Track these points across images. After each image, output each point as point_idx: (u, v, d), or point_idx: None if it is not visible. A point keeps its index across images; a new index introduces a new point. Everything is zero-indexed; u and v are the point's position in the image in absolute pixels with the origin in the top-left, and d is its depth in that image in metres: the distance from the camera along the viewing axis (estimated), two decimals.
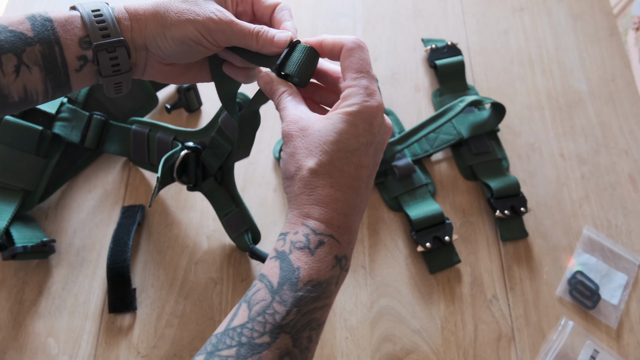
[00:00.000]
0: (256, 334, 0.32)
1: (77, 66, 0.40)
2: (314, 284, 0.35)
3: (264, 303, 0.34)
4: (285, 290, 0.34)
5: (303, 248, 0.35)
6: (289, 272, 0.35)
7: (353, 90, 0.38)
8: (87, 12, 0.40)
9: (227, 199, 0.59)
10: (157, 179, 0.54)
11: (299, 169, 0.37)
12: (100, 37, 0.40)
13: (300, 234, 0.36)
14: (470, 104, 0.65)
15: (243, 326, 0.33)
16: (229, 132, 0.55)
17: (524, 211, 0.63)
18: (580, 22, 0.80)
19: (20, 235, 0.57)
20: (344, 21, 0.79)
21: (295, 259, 0.35)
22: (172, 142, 0.60)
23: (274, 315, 0.33)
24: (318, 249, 0.36)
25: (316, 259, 0.35)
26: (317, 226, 0.36)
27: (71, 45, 0.39)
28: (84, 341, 0.56)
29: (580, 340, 0.57)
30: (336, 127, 0.37)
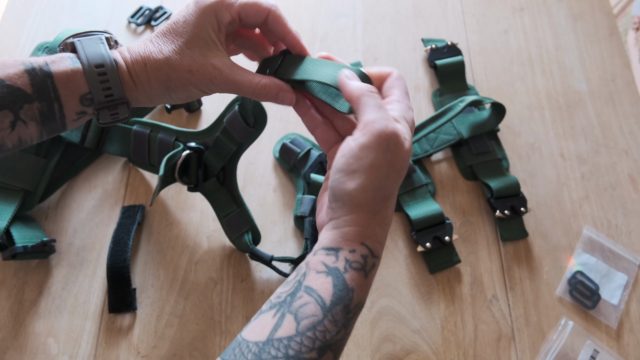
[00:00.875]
0: (305, 349, 0.32)
1: (74, 118, 0.39)
2: (360, 307, 0.35)
3: (314, 319, 0.33)
4: (338, 310, 0.34)
5: (359, 270, 0.35)
6: (344, 293, 0.34)
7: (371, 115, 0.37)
8: (90, 68, 0.38)
9: (228, 200, 0.59)
10: (159, 178, 0.55)
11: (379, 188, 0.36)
12: (103, 97, 0.39)
13: (358, 254, 0.35)
14: (470, 104, 0.65)
15: (290, 339, 0.33)
16: (234, 131, 0.56)
17: (524, 211, 0.63)
18: (580, 22, 0.80)
19: (20, 235, 0.57)
20: (344, 21, 0.79)
21: (350, 279, 0.35)
22: (174, 142, 0.60)
23: (325, 333, 0.33)
24: (371, 272, 0.36)
25: (367, 282, 0.36)
26: (375, 249, 0.36)
27: (71, 102, 0.38)
28: (84, 341, 0.56)
29: (580, 340, 0.57)
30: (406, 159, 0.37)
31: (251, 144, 0.56)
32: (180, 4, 0.79)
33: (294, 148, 0.65)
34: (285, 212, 0.64)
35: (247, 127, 0.54)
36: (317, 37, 0.77)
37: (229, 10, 0.41)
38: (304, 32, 0.78)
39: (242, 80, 0.41)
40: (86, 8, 0.78)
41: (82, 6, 0.78)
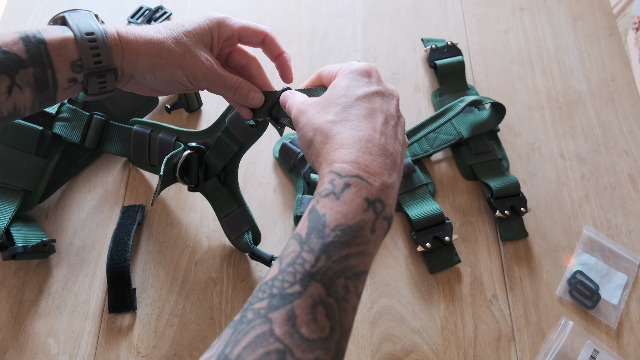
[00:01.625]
0: (287, 284, 0.32)
1: (66, 86, 0.41)
2: (342, 229, 0.33)
3: (293, 254, 0.33)
4: (313, 238, 0.33)
5: (328, 194, 0.35)
6: (315, 221, 0.34)
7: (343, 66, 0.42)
8: (81, 35, 0.40)
9: (229, 199, 0.59)
10: (160, 178, 0.55)
11: (317, 128, 0.38)
12: (92, 63, 0.40)
13: (326, 182, 0.35)
14: (470, 103, 0.65)
15: (274, 278, 0.32)
16: (236, 131, 0.56)
17: (524, 211, 0.63)
18: (580, 22, 0.80)
19: (20, 235, 0.57)
20: (344, 21, 0.79)
21: (321, 207, 0.34)
22: (175, 142, 0.60)
23: (303, 264, 0.32)
24: (344, 192, 0.34)
25: (342, 203, 0.34)
26: (342, 168, 0.35)
27: (63, 68, 0.39)
28: (84, 341, 0.56)
29: (580, 340, 0.57)
30: (339, 85, 0.40)
31: (253, 143, 0.57)
32: (180, 4, 0.79)
33: (294, 148, 0.65)
34: (285, 212, 0.64)
35: (249, 126, 0.55)
36: (317, 37, 0.77)
37: (230, 27, 0.46)
38: (304, 32, 0.78)
39: (226, 74, 0.46)
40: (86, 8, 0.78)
41: (82, 6, 0.78)
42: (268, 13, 0.79)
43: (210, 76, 0.45)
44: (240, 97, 0.47)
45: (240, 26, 0.47)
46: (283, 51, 0.49)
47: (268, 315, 0.31)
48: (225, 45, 0.47)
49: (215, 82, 0.45)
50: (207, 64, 0.44)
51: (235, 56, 0.49)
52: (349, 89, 0.39)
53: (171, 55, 0.43)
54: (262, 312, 0.31)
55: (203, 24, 0.45)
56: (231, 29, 0.46)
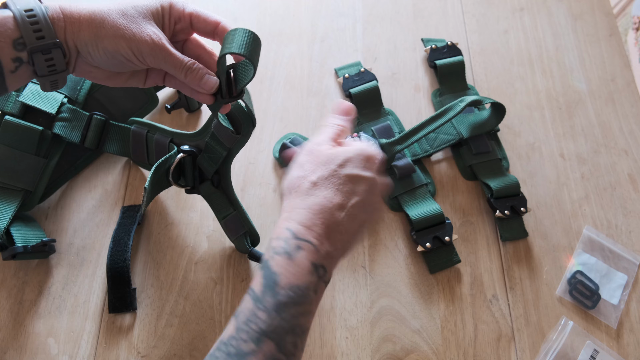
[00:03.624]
0: (242, 343, 0.33)
1: (12, 68, 0.39)
2: (292, 289, 0.35)
3: (247, 312, 0.35)
4: (267, 297, 0.35)
5: (282, 253, 0.37)
6: (269, 279, 0.36)
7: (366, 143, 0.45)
8: (20, 12, 0.38)
9: (224, 202, 0.59)
10: (144, 189, 0.54)
11: (302, 177, 0.41)
12: (34, 39, 0.39)
13: (282, 239, 0.37)
14: (470, 104, 0.65)
15: (231, 337, 0.34)
16: (221, 137, 0.55)
17: (524, 211, 0.63)
18: (580, 22, 0.80)
19: (20, 235, 0.57)
20: (344, 21, 0.79)
21: (274, 264, 0.36)
22: (169, 144, 0.60)
23: (258, 322, 0.34)
24: (297, 254, 0.37)
25: (294, 264, 0.36)
26: (298, 230, 0.37)
27: (5, 47, 0.38)
28: (84, 341, 0.56)
29: (580, 340, 0.57)
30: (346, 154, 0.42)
31: (240, 149, 0.55)
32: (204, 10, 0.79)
33: (294, 148, 0.65)
34: None
35: (232, 134, 0.53)
36: (317, 37, 0.77)
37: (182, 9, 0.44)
38: (304, 32, 0.78)
39: (175, 52, 0.43)
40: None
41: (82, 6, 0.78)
42: (268, 13, 0.79)
43: (157, 51, 0.42)
44: (193, 80, 0.44)
45: (191, 11, 0.45)
46: None
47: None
48: (178, 30, 0.45)
49: (163, 58, 0.42)
50: (155, 37, 0.41)
51: (190, 46, 0.47)
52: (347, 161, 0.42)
53: (115, 25, 0.40)
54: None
55: (155, 1, 0.43)
56: (183, 12, 0.44)
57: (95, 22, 0.40)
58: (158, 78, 0.47)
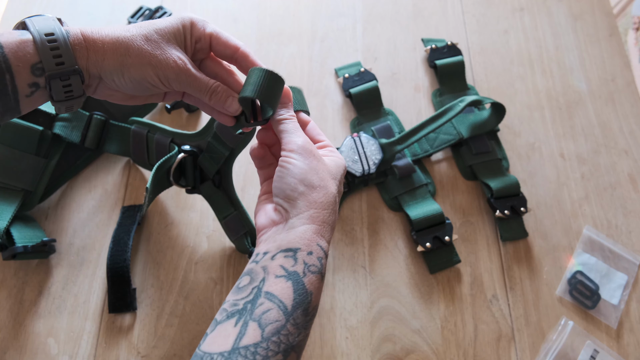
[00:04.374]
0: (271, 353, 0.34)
1: (28, 92, 0.38)
2: (317, 308, 0.38)
3: (278, 324, 0.35)
4: (299, 314, 0.36)
5: (317, 273, 0.37)
6: (303, 297, 0.36)
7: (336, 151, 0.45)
8: (40, 37, 0.37)
9: (225, 202, 0.59)
10: (146, 190, 0.54)
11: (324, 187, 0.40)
12: (53, 65, 0.37)
13: (315, 257, 0.38)
14: (470, 104, 0.65)
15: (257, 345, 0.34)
16: (224, 137, 0.55)
17: (524, 211, 0.63)
18: (580, 22, 0.80)
19: (20, 235, 0.57)
20: (344, 21, 0.79)
21: (309, 283, 0.37)
22: (170, 144, 0.60)
23: (288, 336, 0.35)
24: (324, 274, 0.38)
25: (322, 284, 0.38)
26: (327, 249, 0.39)
27: (23, 72, 0.37)
28: (84, 341, 0.56)
29: (580, 340, 0.57)
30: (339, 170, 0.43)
31: (243, 148, 0.56)
32: (180, 4, 0.79)
33: None
34: None
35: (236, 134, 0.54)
36: (317, 37, 0.77)
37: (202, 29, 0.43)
38: (304, 32, 0.78)
39: (199, 76, 0.42)
40: (86, 8, 0.78)
41: (82, 6, 0.78)
42: (268, 13, 0.79)
43: (182, 76, 0.41)
44: (217, 103, 0.44)
45: (212, 31, 0.44)
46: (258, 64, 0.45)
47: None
48: (198, 49, 0.44)
49: (189, 82, 0.42)
50: (180, 63, 0.41)
51: (209, 64, 0.46)
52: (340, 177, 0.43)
53: (140, 52, 0.39)
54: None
55: (176, 22, 0.42)
56: (203, 32, 0.43)
57: (120, 50, 0.39)
58: (177, 95, 0.47)
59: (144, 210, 0.56)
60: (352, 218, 0.64)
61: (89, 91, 0.42)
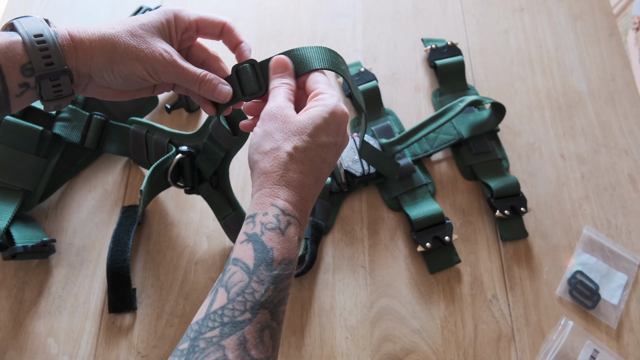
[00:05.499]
0: (237, 313, 0.34)
1: (18, 92, 0.39)
2: (286, 262, 0.37)
3: (241, 284, 0.35)
4: (262, 270, 0.36)
5: (274, 229, 0.38)
6: (264, 253, 0.37)
7: (328, 95, 0.42)
8: (30, 38, 0.38)
9: (224, 203, 0.59)
10: (140, 192, 0.54)
11: (276, 149, 0.40)
12: (43, 65, 0.38)
13: (270, 215, 0.38)
14: (470, 104, 0.65)
15: (224, 307, 0.35)
16: (219, 138, 0.55)
17: (524, 211, 0.63)
18: (580, 22, 0.80)
19: (20, 235, 0.57)
20: (344, 21, 0.79)
21: (267, 239, 0.37)
22: (168, 144, 0.60)
23: (253, 293, 0.35)
24: (287, 229, 0.38)
25: (286, 239, 0.38)
26: (286, 207, 0.39)
27: (13, 73, 0.38)
28: (84, 341, 0.56)
29: (580, 340, 0.57)
30: (314, 121, 0.40)
31: (238, 150, 0.55)
32: (180, 4, 0.79)
33: None
34: None
35: (229, 135, 0.54)
36: (317, 37, 0.77)
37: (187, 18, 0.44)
38: (304, 32, 0.78)
39: (187, 66, 0.43)
40: (86, 8, 0.78)
41: (82, 6, 0.78)
42: (268, 13, 0.79)
43: (170, 68, 0.42)
44: (207, 91, 0.45)
45: (197, 17, 0.45)
46: (242, 41, 0.47)
47: (221, 343, 0.33)
48: (185, 38, 0.45)
49: (177, 74, 0.43)
50: (166, 55, 0.42)
51: (195, 51, 0.48)
52: (318, 129, 0.40)
53: (127, 48, 0.41)
54: (215, 340, 0.33)
55: (159, 15, 0.43)
56: (188, 20, 0.44)
57: (107, 47, 0.40)
58: (167, 87, 0.48)
59: (139, 211, 0.56)
60: (352, 218, 0.64)
61: (78, 90, 0.43)
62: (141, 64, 0.41)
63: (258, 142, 0.41)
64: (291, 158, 0.39)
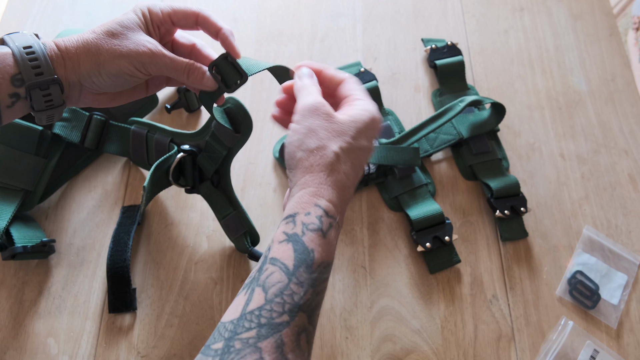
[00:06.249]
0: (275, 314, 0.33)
1: (8, 103, 0.40)
2: (325, 266, 0.36)
3: (280, 285, 0.34)
4: (302, 272, 0.35)
5: (316, 230, 0.37)
6: (304, 254, 0.36)
7: (367, 101, 0.42)
8: (19, 49, 0.39)
9: (224, 202, 0.59)
10: (144, 189, 0.54)
11: (323, 148, 0.39)
12: (33, 75, 0.39)
13: (313, 216, 0.37)
14: (470, 104, 0.65)
15: (261, 308, 0.34)
16: (222, 136, 0.55)
17: (524, 211, 0.63)
18: (580, 22, 0.80)
19: (20, 235, 0.57)
20: (344, 21, 0.79)
21: (309, 240, 0.36)
22: (169, 144, 0.60)
23: (292, 295, 0.34)
24: (329, 232, 0.37)
25: (327, 242, 0.37)
26: (329, 208, 0.38)
27: (3, 83, 0.39)
28: (84, 341, 0.56)
29: (580, 340, 0.57)
30: (356, 124, 0.40)
31: (240, 148, 0.56)
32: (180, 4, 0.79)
33: None
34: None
35: (232, 133, 0.54)
36: (317, 37, 0.77)
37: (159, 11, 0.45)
38: (304, 32, 0.78)
39: (173, 56, 0.44)
40: (86, 8, 0.78)
41: (82, 6, 0.78)
42: (268, 13, 0.79)
43: (156, 58, 0.43)
44: (195, 80, 0.45)
45: (169, 10, 0.45)
46: (221, 27, 0.46)
47: (257, 345, 0.32)
48: (163, 32, 0.46)
49: (165, 64, 0.44)
50: (151, 46, 0.43)
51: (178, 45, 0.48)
52: (360, 132, 0.40)
53: (110, 48, 0.42)
54: (252, 342, 0.32)
55: (133, 13, 0.44)
56: (161, 13, 0.45)
57: (92, 51, 0.41)
58: (160, 83, 0.49)
59: (141, 209, 0.56)
60: (352, 218, 0.64)
61: (72, 101, 0.44)
62: (127, 60, 0.42)
63: (300, 139, 0.40)
64: (337, 158, 0.39)
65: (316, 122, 0.40)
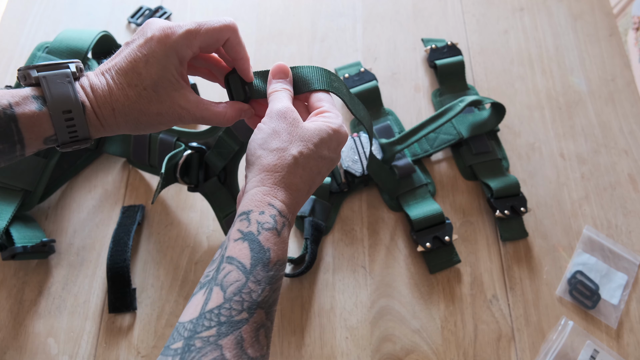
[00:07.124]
0: (235, 312, 0.35)
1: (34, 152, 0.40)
2: (280, 264, 0.38)
3: (238, 284, 0.36)
4: (259, 270, 0.36)
5: (271, 229, 0.38)
6: (261, 254, 0.37)
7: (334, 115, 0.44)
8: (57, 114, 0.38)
9: (229, 200, 0.59)
10: (160, 175, 0.55)
11: (283, 149, 0.40)
12: (67, 138, 0.39)
13: (267, 215, 0.38)
14: (470, 104, 0.65)
15: (220, 307, 0.35)
16: (237, 131, 0.56)
17: (524, 211, 0.63)
18: (580, 22, 0.80)
19: (20, 235, 0.57)
20: (344, 21, 0.79)
21: (264, 240, 0.38)
22: (175, 143, 0.60)
23: (251, 293, 0.36)
24: (282, 230, 0.39)
25: (281, 240, 0.38)
26: (283, 208, 0.39)
27: (35, 143, 0.39)
28: (84, 341, 0.56)
29: (580, 340, 0.57)
30: (321, 134, 0.42)
31: None
32: (180, 4, 0.79)
33: None
34: None
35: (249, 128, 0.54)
36: (317, 37, 0.77)
37: (190, 47, 0.42)
38: (304, 32, 0.78)
39: (208, 115, 0.45)
40: (86, 8, 0.78)
41: (82, 6, 0.78)
42: (268, 13, 0.79)
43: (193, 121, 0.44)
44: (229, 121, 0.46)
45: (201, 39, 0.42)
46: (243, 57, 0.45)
47: (218, 342, 0.33)
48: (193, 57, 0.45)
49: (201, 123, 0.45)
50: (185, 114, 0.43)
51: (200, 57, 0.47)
52: (322, 142, 0.42)
53: (148, 119, 0.42)
54: (212, 340, 0.33)
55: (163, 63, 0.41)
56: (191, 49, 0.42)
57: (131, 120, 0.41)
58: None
59: (154, 196, 0.56)
60: (352, 218, 0.64)
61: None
62: (165, 126, 0.43)
63: (264, 138, 0.41)
64: (295, 162, 0.40)
65: (282, 125, 0.41)
